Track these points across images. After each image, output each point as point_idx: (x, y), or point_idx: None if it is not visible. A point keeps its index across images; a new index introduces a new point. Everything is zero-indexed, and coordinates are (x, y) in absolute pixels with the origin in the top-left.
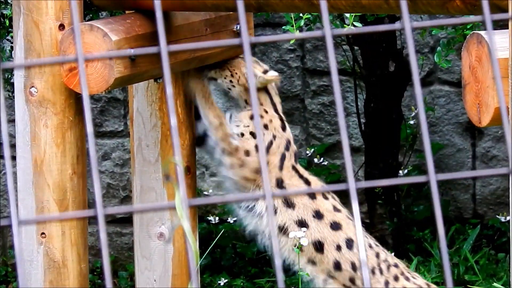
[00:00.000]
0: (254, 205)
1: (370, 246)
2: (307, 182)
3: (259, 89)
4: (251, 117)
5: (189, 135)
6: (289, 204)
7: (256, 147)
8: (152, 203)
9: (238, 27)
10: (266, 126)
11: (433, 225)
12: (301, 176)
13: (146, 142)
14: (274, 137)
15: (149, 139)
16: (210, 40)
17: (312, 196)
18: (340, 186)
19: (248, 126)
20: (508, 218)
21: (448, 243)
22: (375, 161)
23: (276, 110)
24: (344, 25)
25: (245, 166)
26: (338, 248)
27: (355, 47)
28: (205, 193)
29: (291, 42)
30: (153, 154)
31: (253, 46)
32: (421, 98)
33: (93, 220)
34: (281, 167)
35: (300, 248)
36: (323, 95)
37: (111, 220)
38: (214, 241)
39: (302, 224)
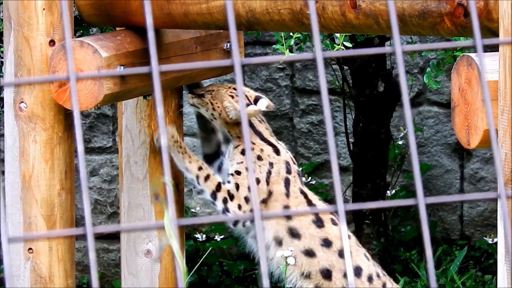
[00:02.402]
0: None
1: (378, 276)
2: (315, 214)
3: (236, 123)
4: (242, 152)
5: None
6: (294, 234)
7: (257, 179)
8: (141, 223)
9: (228, 45)
10: (259, 157)
11: (420, 245)
12: (309, 202)
13: (134, 158)
14: (271, 164)
15: (138, 156)
16: (200, 57)
17: (320, 224)
18: (329, 208)
19: (241, 162)
20: (495, 239)
21: (435, 264)
22: (363, 181)
23: (262, 138)
24: (334, 45)
25: (249, 203)
26: (346, 275)
27: (345, 67)
28: (193, 210)
29: (280, 62)
30: (141, 171)
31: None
32: (410, 121)
33: (80, 235)
34: (287, 194)
35: (309, 275)
36: (311, 114)
37: (98, 236)
38: (201, 259)
39: (309, 253)
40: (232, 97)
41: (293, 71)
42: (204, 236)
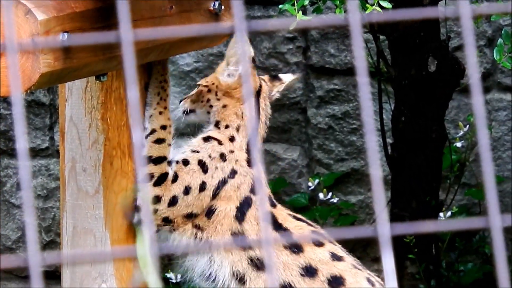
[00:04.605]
0: (211, 272)
1: None
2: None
3: (236, 87)
4: (205, 139)
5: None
6: (260, 266)
7: (202, 185)
8: (101, 250)
9: (216, 5)
10: (222, 156)
11: None
12: (277, 227)
13: (82, 164)
14: (233, 172)
15: (87, 161)
16: (176, 21)
17: (296, 249)
18: (363, 231)
19: (197, 151)
20: None
21: None
22: (406, 198)
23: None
24: (367, 5)
25: (176, 207)
26: None
27: (381, 37)
28: None
29: (290, 28)
30: (91, 182)
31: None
32: (482, 111)
33: (7, 275)
34: (240, 217)
35: None
36: (333, 104)
37: (25, 275)
38: None
39: None
40: None
41: (307, 43)
42: (179, 276)
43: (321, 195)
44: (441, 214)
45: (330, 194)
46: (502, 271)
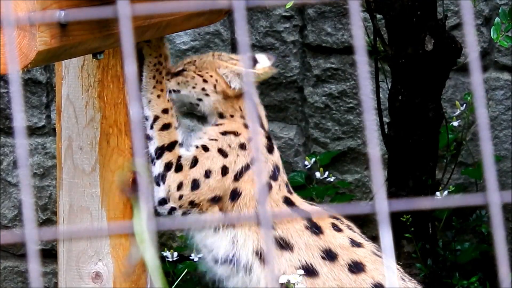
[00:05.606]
0: (234, 254)
1: None
2: (308, 219)
3: (237, 95)
4: (224, 133)
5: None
6: (283, 245)
7: (224, 169)
8: (95, 225)
9: None
10: (243, 146)
11: (484, 269)
12: (296, 207)
13: (79, 143)
14: (254, 160)
15: (84, 139)
16: None
17: (317, 230)
18: (361, 208)
19: (215, 139)
20: None
21: None
22: (403, 177)
23: (261, 125)
24: None
25: (200, 190)
26: None
27: (378, 15)
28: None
29: (287, 6)
30: (88, 160)
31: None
32: (482, 90)
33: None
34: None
35: None
36: (330, 83)
37: (22, 253)
38: (173, 287)
39: (308, 271)
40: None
41: (303, 21)
42: (175, 254)
43: (317, 174)
44: (437, 193)
45: (326, 173)
46: (501, 246)
